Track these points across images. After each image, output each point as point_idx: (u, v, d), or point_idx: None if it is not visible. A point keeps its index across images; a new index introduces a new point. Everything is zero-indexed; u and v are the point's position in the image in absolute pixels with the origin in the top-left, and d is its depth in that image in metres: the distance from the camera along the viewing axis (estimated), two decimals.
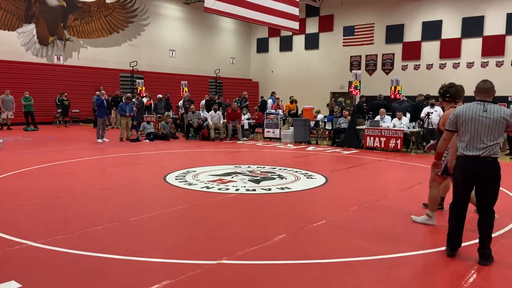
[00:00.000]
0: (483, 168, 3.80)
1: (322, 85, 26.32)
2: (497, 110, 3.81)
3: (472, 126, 3.80)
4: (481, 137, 3.78)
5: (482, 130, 3.78)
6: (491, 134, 3.79)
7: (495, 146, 3.82)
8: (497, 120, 3.77)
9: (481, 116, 3.79)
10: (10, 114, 16.91)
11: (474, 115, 3.81)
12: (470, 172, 3.84)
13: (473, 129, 3.80)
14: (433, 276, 3.57)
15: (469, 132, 3.82)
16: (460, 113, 3.89)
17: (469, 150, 3.81)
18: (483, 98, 3.93)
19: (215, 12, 15.06)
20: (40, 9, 20.16)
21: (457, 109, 3.93)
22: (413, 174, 8.84)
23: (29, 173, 7.80)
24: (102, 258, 3.79)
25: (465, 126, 3.84)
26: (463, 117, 3.86)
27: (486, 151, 3.79)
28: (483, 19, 21.07)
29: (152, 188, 6.88)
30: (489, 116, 3.78)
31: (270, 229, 4.79)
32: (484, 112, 3.80)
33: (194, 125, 15.00)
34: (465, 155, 3.83)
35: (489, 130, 3.78)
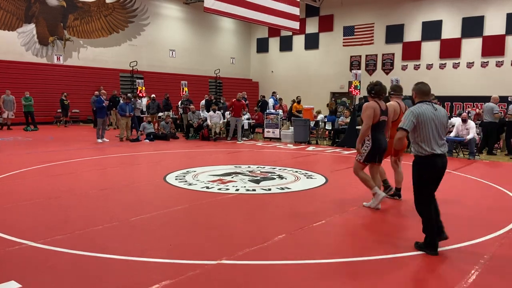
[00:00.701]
0: (445, 163, 4.09)
1: (322, 85, 26.32)
2: (441, 109, 4.14)
3: (432, 125, 4.00)
4: (440, 134, 4.03)
5: (438, 128, 4.02)
6: (443, 131, 4.09)
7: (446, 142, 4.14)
8: (444, 118, 4.10)
9: (434, 115, 4.02)
10: (11, 114, 16.91)
11: (431, 115, 4.01)
12: (438, 168, 4.04)
13: (433, 128, 4.00)
14: (433, 276, 3.57)
15: (430, 131, 3.99)
16: (419, 114, 4.01)
17: (435, 149, 3.99)
18: (426, 99, 4.14)
19: (215, 12, 15.05)
20: (40, 9, 20.16)
21: (414, 110, 4.05)
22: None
23: (29, 173, 7.80)
24: (102, 258, 3.79)
25: (425, 126, 3.99)
26: (423, 117, 4.00)
27: (444, 147, 4.08)
28: (483, 19, 21.07)
29: (152, 188, 6.88)
30: (438, 115, 4.05)
31: (270, 229, 4.79)
32: (435, 111, 4.05)
33: (194, 125, 15.00)
34: (434, 153, 3.99)
35: (442, 127, 4.07)
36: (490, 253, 4.10)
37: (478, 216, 5.55)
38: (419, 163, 4.07)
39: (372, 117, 5.38)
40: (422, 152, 4.02)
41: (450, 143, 11.29)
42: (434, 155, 3.99)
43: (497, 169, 9.68)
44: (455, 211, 5.71)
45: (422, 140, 4.01)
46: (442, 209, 5.72)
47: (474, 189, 7.42)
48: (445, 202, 6.24)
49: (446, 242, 4.35)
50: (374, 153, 5.50)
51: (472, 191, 7.32)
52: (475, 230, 4.85)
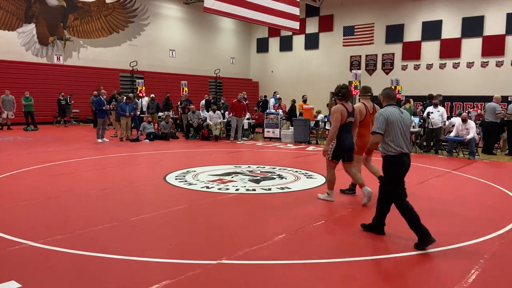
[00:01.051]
0: (410, 161, 4.41)
1: (322, 85, 26.32)
2: (406, 113, 4.52)
3: (400, 127, 4.33)
4: (406, 135, 4.38)
5: (405, 130, 4.36)
6: (408, 132, 4.44)
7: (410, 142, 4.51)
8: (409, 120, 4.47)
9: (401, 117, 4.37)
10: (11, 114, 16.90)
11: (398, 118, 4.35)
12: (406, 166, 4.36)
13: (401, 130, 4.34)
14: (433, 276, 3.56)
15: (398, 133, 4.31)
16: (388, 116, 4.32)
17: (403, 148, 4.31)
18: (392, 103, 4.51)
19: (215, 12, 15.05)
20: (40, 9, 20.16)
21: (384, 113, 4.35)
22: (413, 173, 8.80)
23: (29, 173, 7.80)
24: (102, 258, 3.79)
25: (393, 127, 4.31)
26: (392, 119, 4.31)
27: (409, 147, 4.43)
28: (483, 19, 21.07)
29: (152, 188, 6.88)
30: (404, 117, 4.41)
31: (270, 229, 4.79)
32: (402, 114, 4.41)
33: (194, 125, 15.00)
34: (402, 152, 4.31)
35: (407, 129, 4.41)
36: (490, 252, 4.10)
37: (478, 216, 5.55)
38: (390, 162, 4.35)
39: (340, 120, 5.71)
40: (391, 151, 4.31)
41: (450, 143, 11.30)
42: (402, 154, 4.30)
43: (497, 169, 9.68)
44: (455, 211, 5.71)
45: (392, 140, 4.30)
46: (443, 209, 5.74)
47: (474, 189, 7.42)
48: (445, 202, 6.24)
49: (446, 242, 4.36)
50: (339, 151, 5.82)
51: (472, 191, 7.32)
52: (475, 230, 4.85)
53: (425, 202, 6.17)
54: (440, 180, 8.02)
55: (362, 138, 6.19)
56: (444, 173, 8.67)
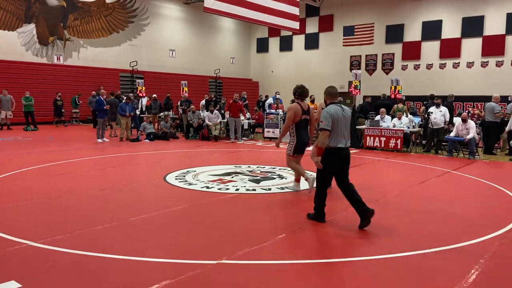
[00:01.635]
0: (348, 154, 4.88)
1: (322, 85, 25.98)
2: (348, 110, 4.92)
3: (342, 124, 4.76)
4: (346, 131, 4.83)
5: (345, 126, 4.81)
6: (349, 128, 4.89)
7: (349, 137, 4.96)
8: (349, 118, 4.90)
9: (343, 115, 4.79)
10: (9, 114, 16.88)
11: (341, 115, 4.76)
12: (344, 158, 4.83)
13: (342, 126, 4.77)
14: (433, 276, 3.56)
15: (339, 129, 4.75)
16: (333, 113, 4.74)
17: (341, 143, 4.77)
18: (335, 101, 4.91)
19: (215, 12, 15.05)
20: (40, 9, 20.16)
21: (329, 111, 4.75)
22: (413, 173, 8.84)
23: (29, 173, 7.80)
24: (102, 258, 3.79)
25: (336, 123, 4.73)
26: (335, 116, 4.73)
27: (348, 141, 4.86)
28: (483, 19, 21.07)
29: (152, 188, 6.88)
30: (345, 114, 4.83)
31: (270, 229, 4.79)
32: (343, 112, 4.82)
33: (194, 125, 15.00)
34: (340, 147, 4.76)
35: (347, 125, 4.86)
36: (490, 252, 4.10)
37: (478, 216, 5.55)
38: (329, 154, 4.80)
39: (293, 118, 6.27)
40: (331, 144, 4.76)
41: (450, 143, 11.30)
42: (340, 148, 4.77)
43: (497, 169, 9.68)
44: (455, 211, 5.71)
45: (333, 135, 4.74)
46: (443, 209, 5.74)
47: (474, 189, 7.42)
48: (445, 201, 6.24)
49: (446, 241, 4.36)
50: (299, 146, 6.40)
51: (472, 191, 7.32)
52: (475, 230, 4.85)
53: (425, 202, 6.17)
54: (440, 180, 8.02)
55: None
56: (444, 173, 8.67)
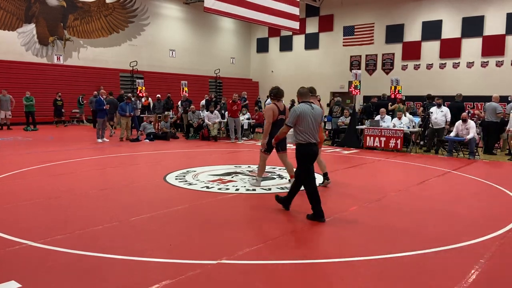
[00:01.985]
0: (317, 150, 5.24)
1: (322, 85, 26.25)
2: (317, 108, 5.29)
3: (309, 121, 5.09)
4: (315, 127, 5.15)
5: (314, 123, 5.13)
6: (317, 125, 5.23)
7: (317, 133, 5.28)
8: (319, 116, 5.27)
9: (311, 113, 5.12)
10: (8, 114, 16.87)
11: (309, 113, 5.11)
12: (313, 153, 5.17)
13: (310, 123, 5.09)
14: (433, 276, 3.56)
15: (308, 126, 5.08)
16: (301, 111, 5.08)
17: (311, 139, 5.10)
18: (305, 100, 5.27)
19: (215, 12, 15.04)
20: (40, 9, 20.16)
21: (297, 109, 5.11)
22: (413, 173, 8.84)
23: (29, 173, 7.80)
24: (102, 258, 3.79)
25: (304, 120, 5.06)
26: (303, 114, 5.06)
27: (317, 138, 5.19)
28: (483, 19, 21.07)
29: (152, 188, 6.88)
30: (315, 112, 5.17)
31: (270, 229, 4.79)
32: (312, 110, 5.14)
33: (194, 125, 15.00)
34: (309, 142, 5.11)
35: (316, 122, 5.19)
36: (490, 252, 4.10)
37: (478, 216, 5.55)
38: (301, 150, 5.16)
39: (272, 116, 6.57)
40: (302, 140, 5.12)
41: (450, 143, 11.30)
42: (310, 143, 5.11)
43: (497, 169, 9.67)
44: (455, 211, 5.71)
45: (303, 131, 5.09)
46: (443, 209, 5.74)
47: (474, 189, 7.42)
48: (445, 201, 6.24)
49: (446, 241, 4.36)
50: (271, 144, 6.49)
51: (472, 191, 7.32)
52: (475, 230, 4.85)
53: (425, 202, 6.17)
54: (440, 180, 8.02)
55: None
56: (444, 173, 8.67)
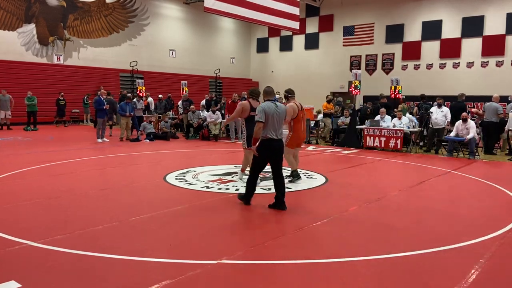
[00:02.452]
0: (280, 145, 5.59)
1: (322, 85, 26.32)
2: (281, 106, 5.67)
3: (274, 118, 5.46)
4: (279, 125, 5.53)
5: (278, 120, 5.50)
6: (281, 122, 5.61)
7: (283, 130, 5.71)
8: (283, 113, 5.62)
9: (275, 110, 5.49)
10: (8, 114, 16.87)
11: (274, 111, 5.47)
12: (274, 149, 5.51)
13: (274, 121, 5.46)
14: (433, 276, 3.56)
15: (272, 123, 5.44)
16: (266, 109, 5.44)
17: (274, 135, 5.47)
18: (270, 98, 5.63)
19: (215, 12, 15.04)
20: (40, 9, 20.16)
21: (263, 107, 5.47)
22: (413, 173, 8.84)
23: (29, 173, 7.80)
24: (102, 258, 3.79)
25: (270, 119, 5.43)
26: (268, 112, 5.43)
27: (280, 134, 5.56)
28: (483, 19, 21.07)
29: (152, 188, 6.88)
30: (279, 110, 5.53)
31: (270, 229, 4.79)
32: (276, 108, 5.51)
33: (194, 125, 15.00)
34: (272, 138, 5.46)
35: (280, 120, 5.56)
36: (490, 252, 4.10)
37: (478, 216, 5.55)
38: (262, 145, 5.51)
39: (241, 112, 7.03)
40: (264, 136, 5.47)
41: (450, 143, 11.30)
42: (272, 139, 5.46)
43: (497, 169, 9.67)
44: (455, 211, 5.72)
45: (265, 127, 5.43)
46: (443, 209, 5.74)
47: (474, 189, 7.42)
48: (445, 201, 6.25)
49: (446, 241, 4.36)
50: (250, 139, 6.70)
51: (472, 191, 7.32)
52: (475, 230, 4.85)
53: (425, 202, 6.17)
54: (440, 180, 8.02)
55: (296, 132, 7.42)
56: (444, 173, 8.67)
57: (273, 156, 5.53)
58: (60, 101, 18.79)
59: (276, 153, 5.53)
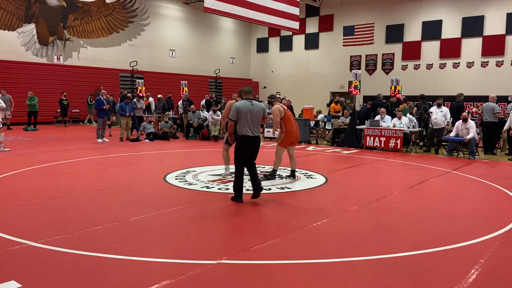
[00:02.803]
0: (255, 142, 5.92)
1: (322, 85, 26.33)
2: (258, 105, 5.96)
3: (248, 116, 5.80)
4: (253, 122, 5.85)
5: (252, 118, 5.82)
6: (257, 120, 5.90)
7: (259, 127, 5.98)
8: (259, 111, 5.93)
9: (250, 108, 5.83)
10: (8, 114, 16.86)
11: (248, 109, 5.81)
12: (249, 145, 5.86)
13: (249, 118, 5.81)
14: (433, 276, 3.56)
15: (247, 120, 5.79)
16: (239, 108, 5.81)
17: (249, 132, 5.82)
18: (249, 97, 5.99)
19: (215, 12, 15.05)
20: (40, 9, 20.16)
21: (237, 105, 5.86)
22: (413, 173, 8.84)
23: (29, 173, 7.80)
24: (102, 258, 3.79)
25: (244, 117, 5.79)
26: (242, 110, 5.80)
27: (256, 131, 5.89)
28: (483, 19, 21.08)
29: (152, 188, 6.87)
30: (253, 108, 5.86)
31: (270, 229, 4.79)
32: (252, 106, 5.85)
33: (194, 125, 15.00)
34: (247, 135, 5.82)
35: (255, 117, 5.87)
36: (490, 253, 4.10)
37: (478, 216, 5.55)
38: (238, 140, 5.92)
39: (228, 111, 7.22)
40: (239, 133, 5.86)
41: (450, 143, 11.30)
42: (246, 136, 5.82)
43: (497, 169, 9.67)
44: (455, 211, 5.71)
45: (241, 125, 5.82)
46: (443, 209, 5.74)
47: (474, 189, 7.42)
48: (445, 201, 6.25)
49: (446, 242, 4.36)
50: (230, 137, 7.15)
51: (472, 191, 7.33)
52: (475, 230, 4.85)
53: (425, 202, 6.17)
54: (440, 180, 8.02)
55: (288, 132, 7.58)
56: (444, 173, 8.67)
57: (248, 151, 5.90)
58: (63, 101, 18.81)
59: (251, 148, 5.90)
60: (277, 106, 7.60)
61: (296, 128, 7.72)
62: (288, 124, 7.60)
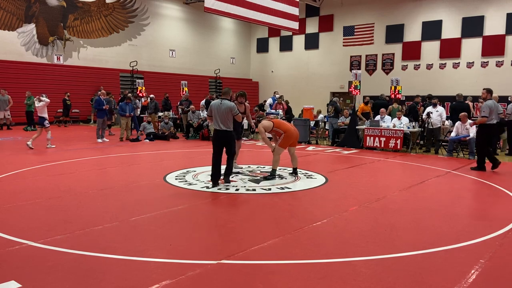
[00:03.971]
0: (226, 135, 6.89)
1: (322, 85, 26.32)
2: (226, 104, 6.86)
3: (218, 113, 6.83)
4: (222, 118, 6.82)
5: (220, 115, 6.82)
6: (225, 116, 6.83)
7: (230, 124, 6.89)
8: (226, 108, 6.83)
9: (218, 106, 6.85)
10: (7, 114, 16.85)
11: (217, 107, 6.86)
12: (219, 137, 6.91)
13: (217, 115, 6.83)
14: (433, 276, 3.56)
15: (217, 116, 6.83)
16: (211, 106, 6.91)
17: (217, 126, 6.85)
18: (222, 97, 6.98)
19: (215, 12, 15.04)
20: (40, 9, 20.16)
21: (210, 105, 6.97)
22: (413, 174, 8.84)
23: (29, 173, 7.80)
24: (102, 258, 3.79)
25: (214, 113, 6.86)
26: (213, 108, 6.89)
27: (224, 126, 6.83)
28: (483, 19, 21.07)
29: (152, 188, 6.87)
30: (222, 107, 6.83)
31: (270, 229, 4.79)
32: (220, 105, 6.84)
33: (194, 125, 15.00)
34: (216, 129, 6.90)
35: (223, 114, 6.82)
36: (490, 253, 4.10)
37: (478, 216, 5.55)
38: (213, 134, 7.10)
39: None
40: (214, 128, 6.94)
41: (450, 143, 11.30)
42: (217, 130, 6.88)
43: (497, 169, 9.66)
44: (455, 211, 5.72)
45: (213, 120, 6.89)
46: (443, 209, 5.74)
47: (474, 189, 7.43)
48: (445, 201, 6.25)
49: (446, 242, 4.36)
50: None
51: (472, 191, 7.33)
52: (475, 230, 4.85)
53: (425, 202, 6.17)
54: (440, 180, 8.02)
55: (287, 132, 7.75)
56: (444, 173, 8.67)
57: (219, 141, 6.89)
58: (66, 101, 18.81)
59: (221, 140, 6.88)
60: (262, 123, 7.87)
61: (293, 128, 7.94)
62: (284, 126, 7.75)
